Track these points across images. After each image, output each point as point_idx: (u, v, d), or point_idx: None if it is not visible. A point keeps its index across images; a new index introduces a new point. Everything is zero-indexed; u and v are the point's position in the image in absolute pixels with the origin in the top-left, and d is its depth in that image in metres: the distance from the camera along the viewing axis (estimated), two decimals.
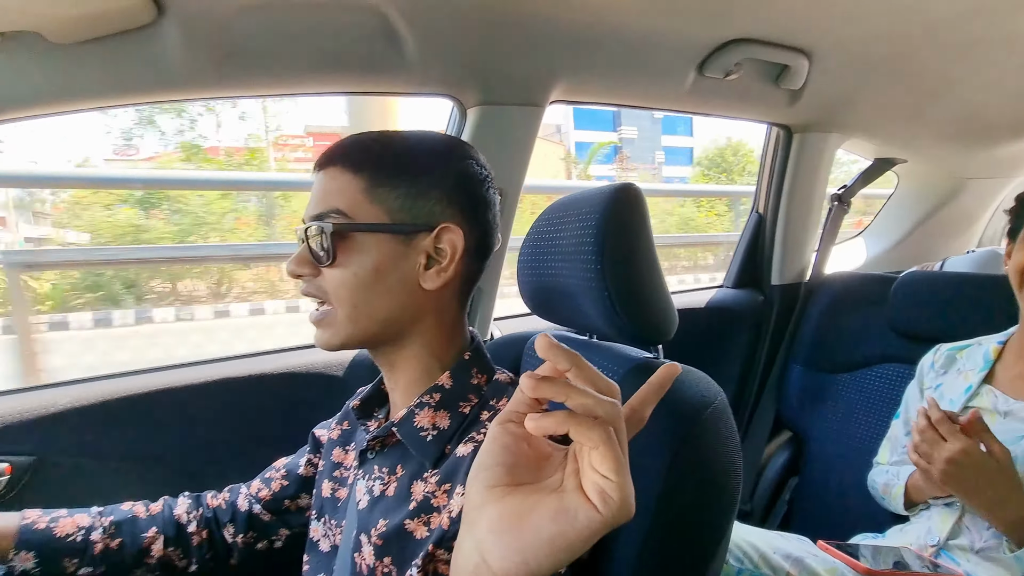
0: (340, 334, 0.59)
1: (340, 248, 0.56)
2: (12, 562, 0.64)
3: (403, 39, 0.86)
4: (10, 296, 3.14)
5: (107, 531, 0.69)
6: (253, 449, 1.02)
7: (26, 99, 0.73)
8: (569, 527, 0.31)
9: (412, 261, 0.58)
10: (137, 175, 3.87)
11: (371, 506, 0.58)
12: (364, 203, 0.57)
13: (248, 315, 4.47)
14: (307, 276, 0.59)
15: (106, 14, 0.69)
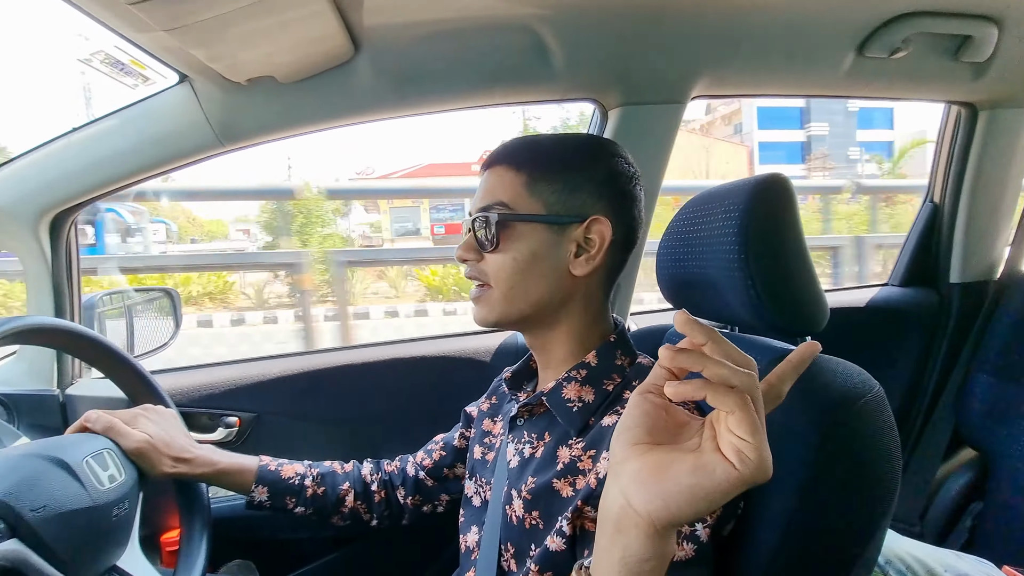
0: (496, 311, 0.66)
1: (502, 236, 0.64)
2: (252, 493, 0.82)
3: (551, 51, 0.93)
4: (335, 290, 4.03)
5: (315, 479, 0.86)
6: (413, 421, 1.17)
7: (265, 128, 0.94)
8: (707, 480, 0.34)
9: (564, 249, 0.64)
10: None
11: (521, 466, 0.65)
12: (524, 196, 0.64)
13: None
14: (472, 260, 0.67)
15: (318, 56, 0.86)
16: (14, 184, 0.95)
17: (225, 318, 6.07)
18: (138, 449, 0.74)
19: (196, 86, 0.89)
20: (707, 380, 0.35)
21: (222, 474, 0.81)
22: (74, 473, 0.66)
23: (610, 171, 0.66)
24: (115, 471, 0.71)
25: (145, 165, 0.95)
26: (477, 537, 0.71)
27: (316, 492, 0.85)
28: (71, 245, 1.04)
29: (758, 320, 0.67)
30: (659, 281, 0.84)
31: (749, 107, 11.18)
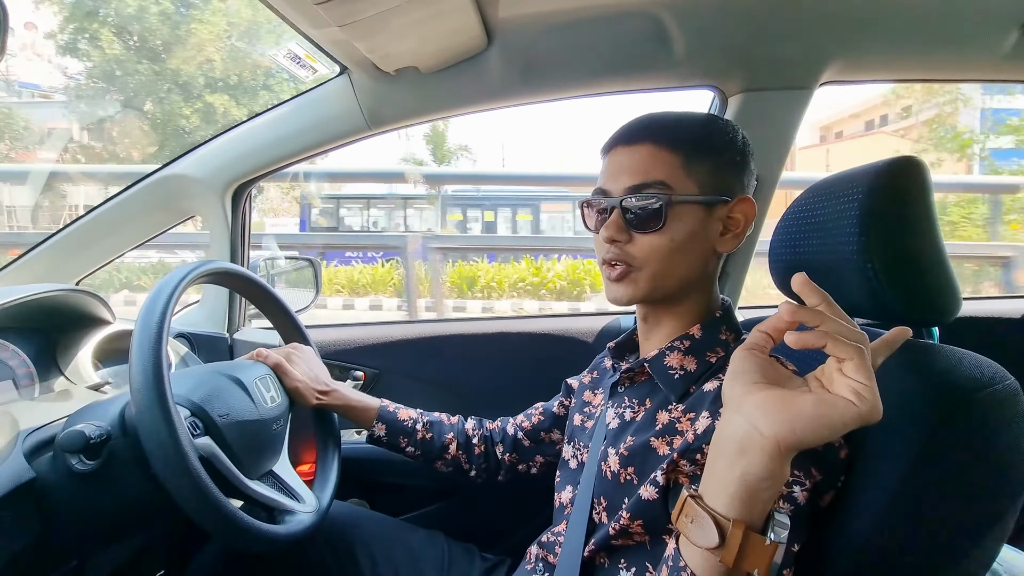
0: (642, 290, 0.66)
1: (666, 217, 0.63)
2: (373, 428, 0.94)
3: (672, 37, 0.95)
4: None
5: (425, 425, 0.96)
6: (515, 391, 1.24)
7: (407, 113, 1.06)
8: (831, 410, 0.39)
9: (713, 228, 0.66)
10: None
11: (621, 428, 0.69)
12: (682, 177, 0.64)
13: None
14: (621, 242, 0.65)
15: (456, 48, 0.96)
16: (209, 159, 1.16)
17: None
18: (293, 384, 0.89)
19: (353, 77, 1.03)
20: (826, 332, 0.40)
21: (351, 409, 0.94)
22: (247, 390, 0.81)
23: (743, 150, 0.67)
24: (275, 393, 0.85)
25: (308, 146, 1.12)
26: (571, 495, 0.75)
27: (425, 436, 0.95)
28: (246, 213, 1.25)
29: (878, 308, 0.64)
30: (771, 267, 0.82)
31: (968, 108, 9.51)
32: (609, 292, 0.68)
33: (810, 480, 0.52)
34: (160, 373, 0.62)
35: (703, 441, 0.56)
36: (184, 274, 0.73)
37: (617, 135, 0.68)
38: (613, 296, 0.68)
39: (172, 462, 0.61)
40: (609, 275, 0.67)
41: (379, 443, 0.96)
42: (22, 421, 0.74)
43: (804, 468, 0.52)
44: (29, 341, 0.93)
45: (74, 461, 0.68)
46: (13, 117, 11.91)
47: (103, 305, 1.02)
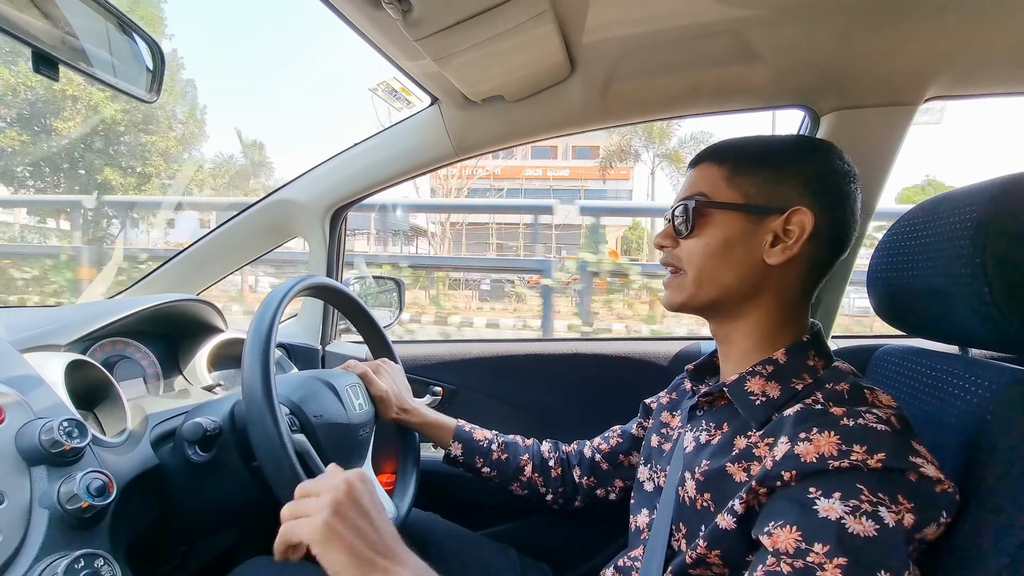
0: (684, 293, 0.68)
1: (698, 223, 0.67)
2: (450, 447, 0.97)
3: (760, 56, 0.93)
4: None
5: (500, 446, 0.97)
6: (589, 413, 1.23)
7: (491, 140, 1.12)
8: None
9: (760, 238, 0.64)
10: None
11: (696, 451, 0.67)
12: (723, 187, 0.67)
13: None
14: (668, 247, 0.71)
15: (540, 76, 0.99)
16: (311, 185, 1.28)
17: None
18: (379, 396, 0.94)
19: (443, 107, 1.10)
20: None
21: (429, 427, 0.98)
22: (339, 395, 0.87)
23: (823, 167, 0.65)
24: (363, 401, 0.91)
25: (399, 172, 1.20)
26: (648, 519, 0.73)
27: (500, 457, 0.96)
28: (341, 234, 1.35)
29: (995, 335, 0.58)
30: (870, 293, 0.78)
31: None
32: (663, 298, 0.72)
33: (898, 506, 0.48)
34: (268, 374, 0.69)
35: (782, 468, 0.53)
36: (289, 287, 0.81)
37: (690, 160, 0.74)
38: (665, 300, 0.72)
39: (273, 452, 0.66)
40: (665, 280, 0.72)
41: (455, 463, 0.98)
42: (149, 414, 0.84)
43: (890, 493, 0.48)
44: (157, 344, 1.06)
45: (191, 452, 0.76)
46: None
47: (218, 315, 1.14)
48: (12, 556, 0.54)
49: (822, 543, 0.47)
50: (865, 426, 0.51)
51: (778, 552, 0.49)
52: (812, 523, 0.49)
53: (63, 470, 0.62)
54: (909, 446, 0.50)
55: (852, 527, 0.47)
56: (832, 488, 0.49)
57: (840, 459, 0.50)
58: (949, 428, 0.60)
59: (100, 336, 0.94)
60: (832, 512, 0.48)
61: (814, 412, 0.55)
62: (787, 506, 0.51)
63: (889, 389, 0.73)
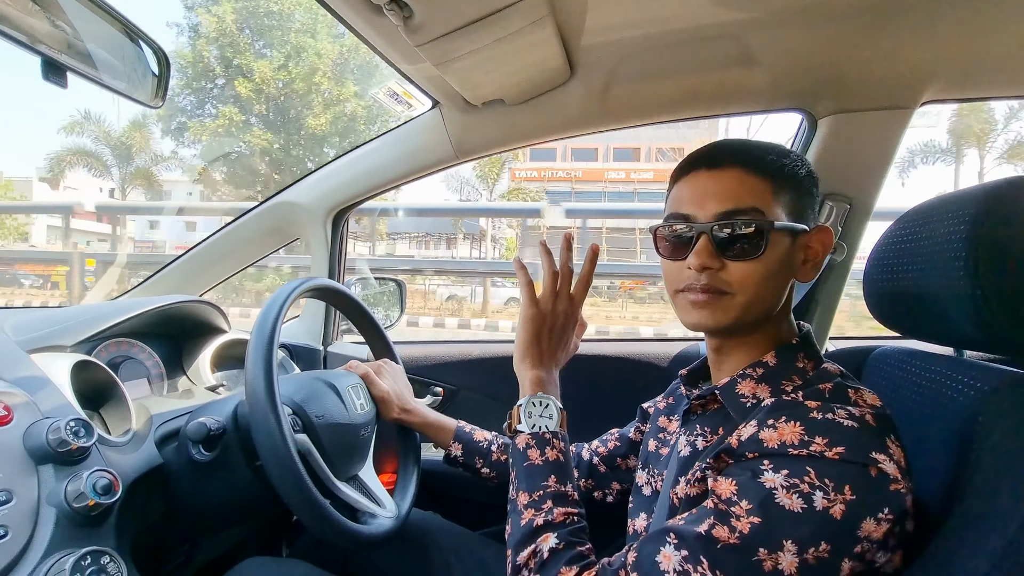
0: (731, 317, 0.63)
1: (762, 244, 0.61)
2: (450, 448, 0.97)
3: (758, 60, 0.94)
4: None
5: (500, 447, 0.98)
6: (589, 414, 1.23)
7: (492, 143, 1.13)
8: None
9: (796, 257, 0.65)
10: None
11: (692, 456, 0.67)
12: (773, 204, 0.62)
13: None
14: (712, 269, 0.63)
15: (540, 80, 1.01)
16: (313, 188, 1.29)
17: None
18: (380, 396, 0.95)
19: (443, 111, 1.11)
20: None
21: (430, 427, 0.99)
22: (340, 396, 0.88)
23: (816, 182, 0.67)
24: (364, 402, 0.92)
25: (400, 175, 1.21)
26: (645, 522, 0.74)
27: (500, 458, 0.96)
28: (343, 237, 1.36)
29: (988, 337, 0.59)
30: (866, 296, 0.78)
31: None
32: (691, 316, 0.65)
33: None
34: (271, 374, 0.70)
35: (746, 448, 0.55)
36: (292, 289, 0.82)
37: (697, 158, 0.66)
38: (697, 320, 0.65)
39: (276, 451, 0.67)
40: (694, 299, 0.64)
41: (455, 463, 0.99)
42: (153, 414, 0.85)
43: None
44: (161, 345, 1.07)
45: (194, 452, 0.77)
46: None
47: (222, 316, 1.15)
48: (21, 552, 0.55)
49: (748, 501, 0.51)
50: (832, 420, 0.53)
51: (713, 492, 0.55)
52: (750, 484, 0.52)
53: (70, 469, 0.63)
54: (875, 443, 0.51)
55: (781, 499, 0.50)
56: (783, 466, 0.51)
57: (800, 448, 0.51)
58: (943, 429, 0.61)
59: (105, 337, 0.95)
60: (770, 482, 0.51)
61: (787, 403, 0.57)
62: (739, 470, 0.55)
63: (884, 390, 0.74)
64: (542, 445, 0.71)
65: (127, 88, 0.73)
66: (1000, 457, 0.51)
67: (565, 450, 0.72)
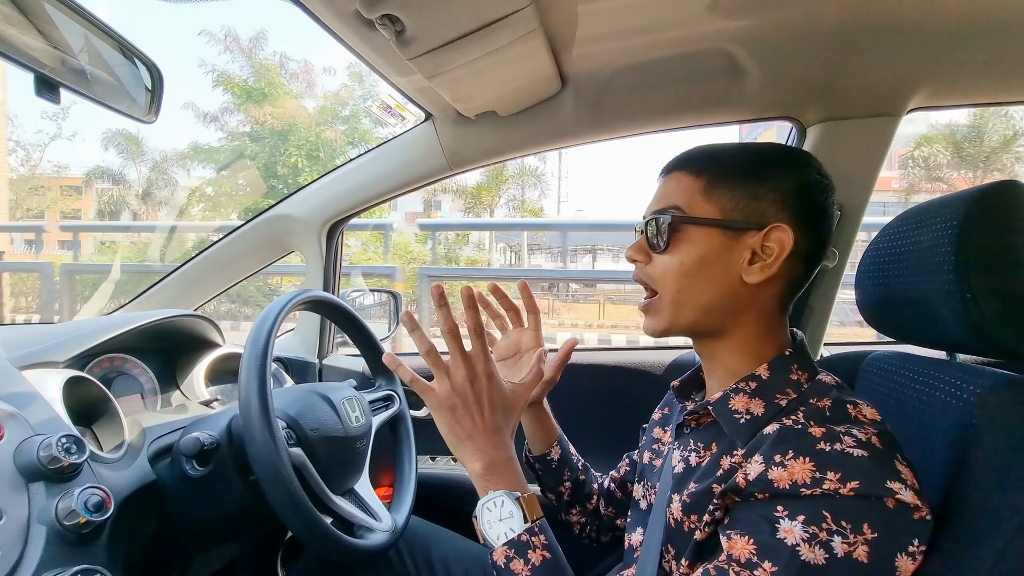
0: (664, 319, 0.65)
1: (673, 239, 0.64)
2: (549, 451, 0.90)
3: (746, 70, 0.96)
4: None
5: (583, 467, 0.93)
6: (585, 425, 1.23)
7: (485, 154, 1.14)
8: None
9: (737, 256, 0.62)
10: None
11: (685, 473, 0.65)
12: (700, 201, 0.63)
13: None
14: (640, 263, 0.68)
15: (532, 92, 1.02)
16: (307, 200, 1.29)
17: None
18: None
19: (436, 123, 1.12)
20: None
21: (547, 420, 0.91)
22: (335, 408, 0.87)
23: (801, 181, 0.63)
24: (360, 414, 0.91)
25: (394, 187, 1.21)
26: (641, 538, 0.73)
27: (579, 478, 0.91)
28: (338, 249, 1.36)
29: (979, 340, 0.59)
30: (858, 301, 0.79)
31: None
32: (644, 325, 0.69)
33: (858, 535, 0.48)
34: (264, 388, 0.70)
35: (755, 489, 0.52)
36: (286, 301, 0.82)
37: (663, 167, 0.70)
38: (645, 327, 0.69)
39: (270, 465, 0.67)
40: (640, 305, 0.69)
41: (545, 466, 0.91)
42: (147, 428, 0.85)
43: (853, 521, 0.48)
44: (154, 360, 1.06)
45: (188, 467, 0.77)
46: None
47: (215, 330, 1.14)
48: (11, 572, 0.54)
49: (772, 562, 0.49)
50: (841, 451, 0.50)
51: (731, 557, 0.51)
52: (769, 542, 0.50)
53: (61, 486, 0.62)
54: (887, 469, 0.50)
55: (805, 555, 0.48)
56: (798, 511, 0.49)
57: (812, 487, 0.49)
58: (937, 433, 0.61)
59: (98, 352, 0.94)
60: (790, 536, 0.49)
61: (792, 433, 0.54)
62: (752, 518, 0.52)
63: (878, 395, 0.74)
64: (523, 552, 0.61)
65: (120, 104, 0.73)
66: (995, 457, 0.52)
67: (549, 542, 0.63)
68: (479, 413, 0.65)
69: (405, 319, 0.68)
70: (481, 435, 0.65)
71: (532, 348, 0.86)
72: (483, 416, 0.65)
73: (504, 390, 0.68)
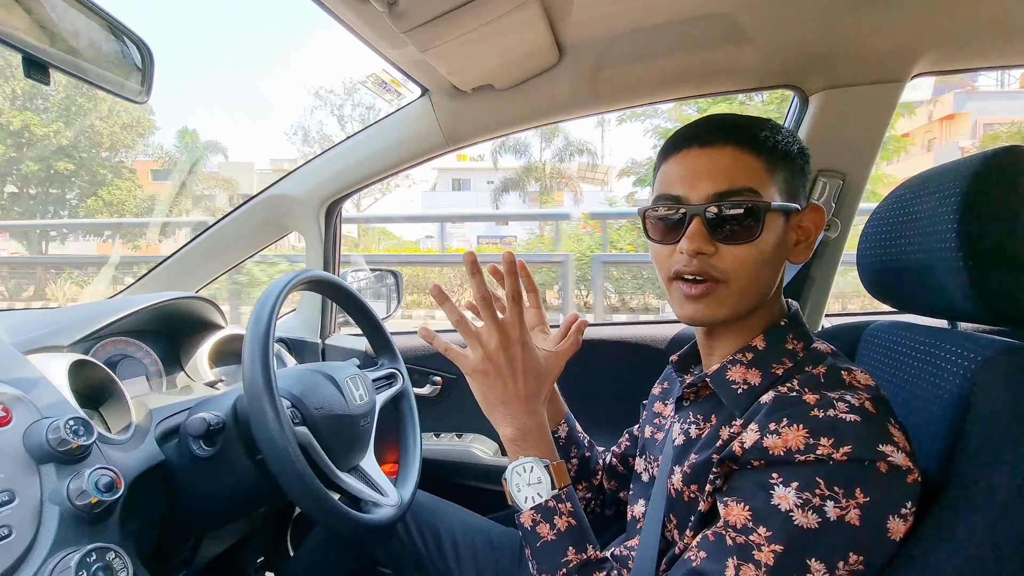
0: (727, 308, 0.61)
1: (754, 227, 0.58)
2: (557, 429, 0.90)
3: (748, 38, 0.93)
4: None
5: (589, 444, 0.94)
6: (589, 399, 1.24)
7: (483, 129, 1.12)
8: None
9: (790, 238, 0.62)
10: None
11: (686, 445, 0.66)
12: (767, 183, 0.59)
13: None
14: (705, 255, 0.60)
15: (529, 64, 1.00)
16: (305, 179, 1.28)
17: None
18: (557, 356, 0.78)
19: (433, 98, 1.10)
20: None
21: (554, 395, 0.90)
22: (339, 387, 0.88)
23: (808, 158, 0.64)
24: (363, 392, 0.92)
25: (392, 164, 1.20)
26: (643, 509, 0.74)
27: (585, 455, 0.92)
28: (337, 228, 1.35)
29: (979, 307, 0.59)
30: (860, 271, 0.78)
31: None
32: (685, 310, 0.63)
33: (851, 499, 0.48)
34: (268, 368, 0.70)
35: (751, 456, 0.53)
36: (287, 281, 0.81)
37: (687, 135, 0.62)
38: (691, 315, 0.63)
39: (276, 444, 0.67)
40: (687, 291, 0.62)
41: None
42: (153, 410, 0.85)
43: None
44: (158, 343, 1.07)
45: (195, 447, 0.78)
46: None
47: (217, 311, 1.15)
48: (26, 551, 0.55)
49: (766, 528, 0.50)
50: (834, 417, 0.51)
51: (727, 523, 0.53)
52: (764, 508, 0.51)
53: (71, 467, 0.63)
54: (880, 433, 0.50)
55: (798, 520, 0.49)
56: (792, 478, 0.50)
57: (806, 453, 0.50)
58: (937, 400, 0.61)
59: (102, 336, 0.95)
60: (784, 502, 0.50)
61: (787, 401, 0.54)
62: (748, 485, 0.53)
63: (879, 365, 0.74)
64: (549, 517, 0.62)
65: (111, 84, 0.72)
66: (995, 424, 0.52)
67: (575, 509, 0.64)
68: (512, 379, 0.66)
69: (435, 292, 0.68)
70: (514, 401, 0.66)
71: (536, 325, 0.86)
72: (516, 382, 0.66)
73: (538, 357, 0.69)
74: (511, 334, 0.65)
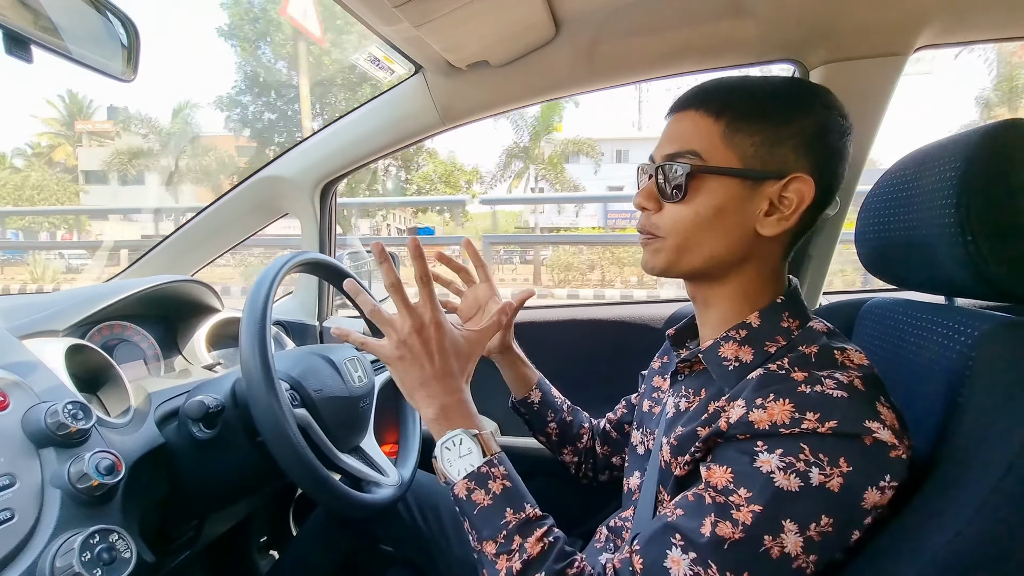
0: (663, 260, 0.64)
1: (690, 188, 0.60)
2: (530, 394, 0.94)
3: (748, 11, 0.92)
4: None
5: (569, 408, 0.97)
6: (589, 378, 1.25)
7: (478, 107, 1.10)
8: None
9: (754, 206, 0.59)
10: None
11: (675, 417, 0.67)
12: (719, 146, 0.59)
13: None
14: (649, 211, 0.64)
15: (525, 39, 0.98)
16: (298, 161, 1.26)
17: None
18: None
19: (427, 76, 1.08)
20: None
21: (523, 365, 0.94)
22: (338, 369, 0.88)
23: (822, 124, 0.59)
24: (362, 374, 0.92)
25: (387, 144, 1.18)
26: (639, 481, 0.75)
27: (566, 419, 0.95)
28: (332, 209, 1.34)
29: (978, 282, 0.58)
30: (858, 247, 0.78)
31: None
32: (642, 262, 0.68)
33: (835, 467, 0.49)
34: (266, 350, 0.70)
35: (736, 431, 0.53)
36: (282, 264, 0.81)
37: (672, 103, 0.65)
38: (643, 264, 0.67)
39: (276, 426, 0.68)
40: (641, 240, 0.67)
41: (528, 409, 0.95)
42: (151, 394, 0.85)
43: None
44: (155, 327, 1.07)
45: (195, 430, 0.78)
46: None
47: (214, 294, 1.14)
48: (29, 533, 0.56)
49: (747, 488, 0.50)
50: (821, 393, 0.51)
51: (708, 484, 0.53)
52: (746, 470, 0.51)
53: (71, 451, 0.63)
54: (867, 410, 0.50)
55: (779, 481, 0.49)
56: (776, 446, 0.51)
57: (792, 427, 0.50)
58: (933, 376, 0.61)
59: (97, 320, 0.94)
60: (766, 465, 0.50)
61: (775, 377, 0.55)
62: (733, 453, 0.54)
63: (876, 341, 0.74)
64: (483, 483, 0.61)
65: (97, 62, 0.70)
66: (990, 399, 0.52)
67: (509, 472, 0.63)
68: (428, 361, 0.65)
69: (375, 248, 0.68)
70: (432, 382, 0.65)
71: (489, 297, 0.90)
72: (433, 363, 0.65)
73: (455, 336, 0.68)
74: (423, 316, 0.65)
